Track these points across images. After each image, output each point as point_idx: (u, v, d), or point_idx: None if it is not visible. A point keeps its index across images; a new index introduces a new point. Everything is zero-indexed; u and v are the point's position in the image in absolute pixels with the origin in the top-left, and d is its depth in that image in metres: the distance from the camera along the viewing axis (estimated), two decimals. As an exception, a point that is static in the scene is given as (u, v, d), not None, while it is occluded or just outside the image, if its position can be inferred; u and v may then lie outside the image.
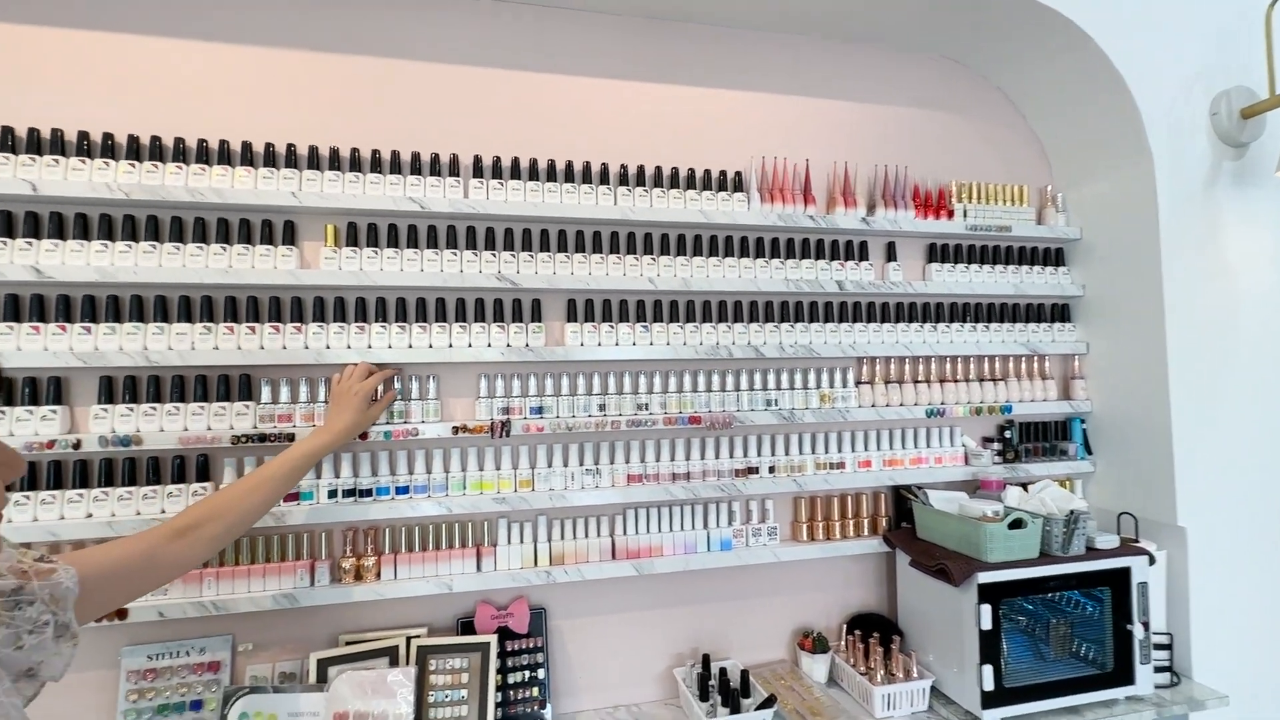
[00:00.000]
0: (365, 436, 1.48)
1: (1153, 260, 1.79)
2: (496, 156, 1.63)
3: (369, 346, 1.51)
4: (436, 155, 1.59)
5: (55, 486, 1.35)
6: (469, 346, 1.56)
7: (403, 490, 1.52)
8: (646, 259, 1.68)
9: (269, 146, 1.51)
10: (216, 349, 1.43)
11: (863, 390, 1.83)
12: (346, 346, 1.50)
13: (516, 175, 1.63)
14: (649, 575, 1.66)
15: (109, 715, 1.38)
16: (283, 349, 1.46)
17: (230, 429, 1.43)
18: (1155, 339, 1.78)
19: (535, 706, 1.53)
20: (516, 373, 1.62)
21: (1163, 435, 1.76)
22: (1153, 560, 1.62)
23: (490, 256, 1.59)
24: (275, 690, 1.33)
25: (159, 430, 1.39)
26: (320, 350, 1.48)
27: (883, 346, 1.84)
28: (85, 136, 1.41)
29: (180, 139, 1.46)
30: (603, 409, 1.64)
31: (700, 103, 1.84)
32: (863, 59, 1.97)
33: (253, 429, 1.44)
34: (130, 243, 1.40)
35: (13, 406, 1.33)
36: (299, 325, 1.49)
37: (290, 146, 1.52)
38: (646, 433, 1.70)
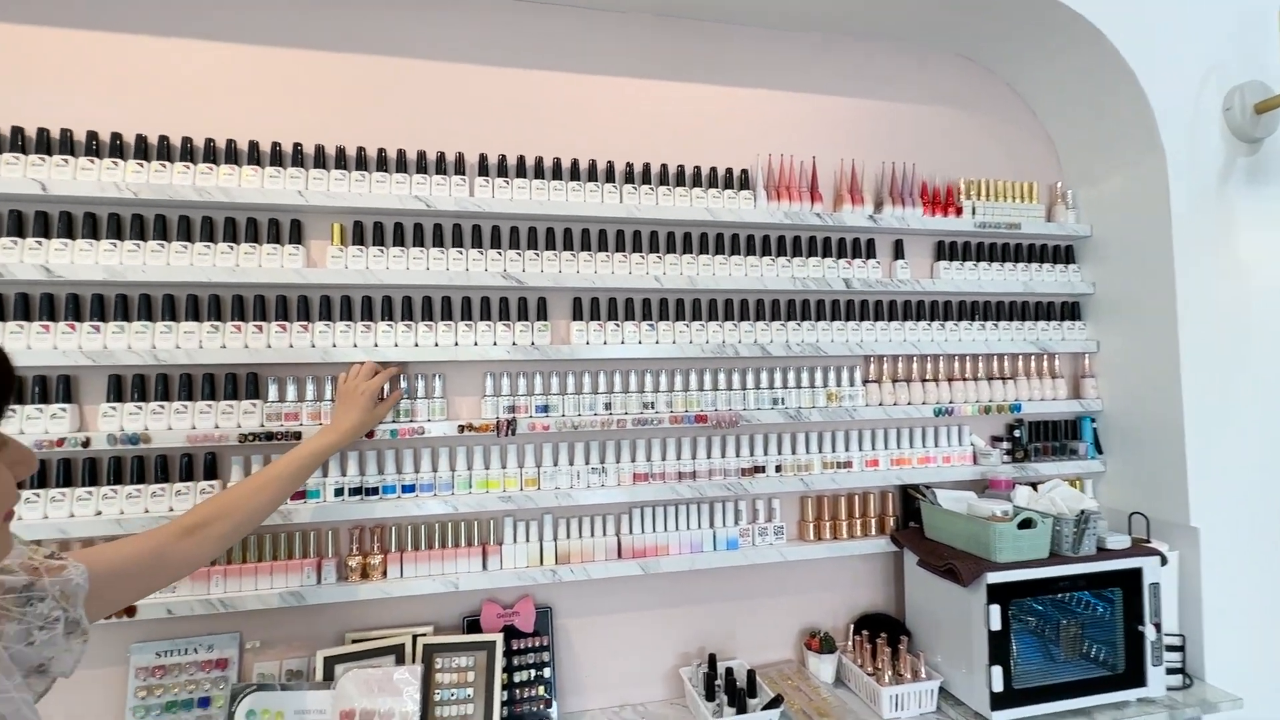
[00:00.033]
0: (372, 435, 1.48)
1: (1165, 257, 1.76)
2: (502, 155, 1.63)
3: (375, 345, 1.51)
4: (442, 154, 1.59)
5: (65, 484, 1.36)
6: (475, 345, 1.56)
7: (409, 489, 1.52)
8: (652, 257, 1.68)
9: (275, 146, 1.51)
10: (224, 347, 1.43)
11: (870, 389, 1.82)
12: (353, 345, 1.50)
13: (522, 174, 1.63)
14: (655, 574, 1.66)
15: (118, 712, 1.39)
16: (289, 348, 1.47)
17: (238, 427, 1.43)
18: (1167, 337, 1.76)
19: (541, 705, 1.53)
20: (522, 371, 1.62)
21: (1175, 434, 1.74)
22: (1165, 561, 1.60)
23: (496, 255, 1.59)
24: (283, 688, 1.33)
25: (167, 428, 1.40)
26: (327, 349, 1.48)
27: (890, 345, 1.82)
28: (94, 136, 1.42)
29: (188, 138, 1.47)
30: (608, 408, 1.63)
31: (706, 100, 1.83)
32: (870, 55, 1.96)
33: (260, 427, 1.45)
34: (138, 242, 1.41)
35: (23, 405, 1.34)
36: (305, 324, 1.49)
37: (297, 146, 1.52)
38: (652, 431, 1.70)
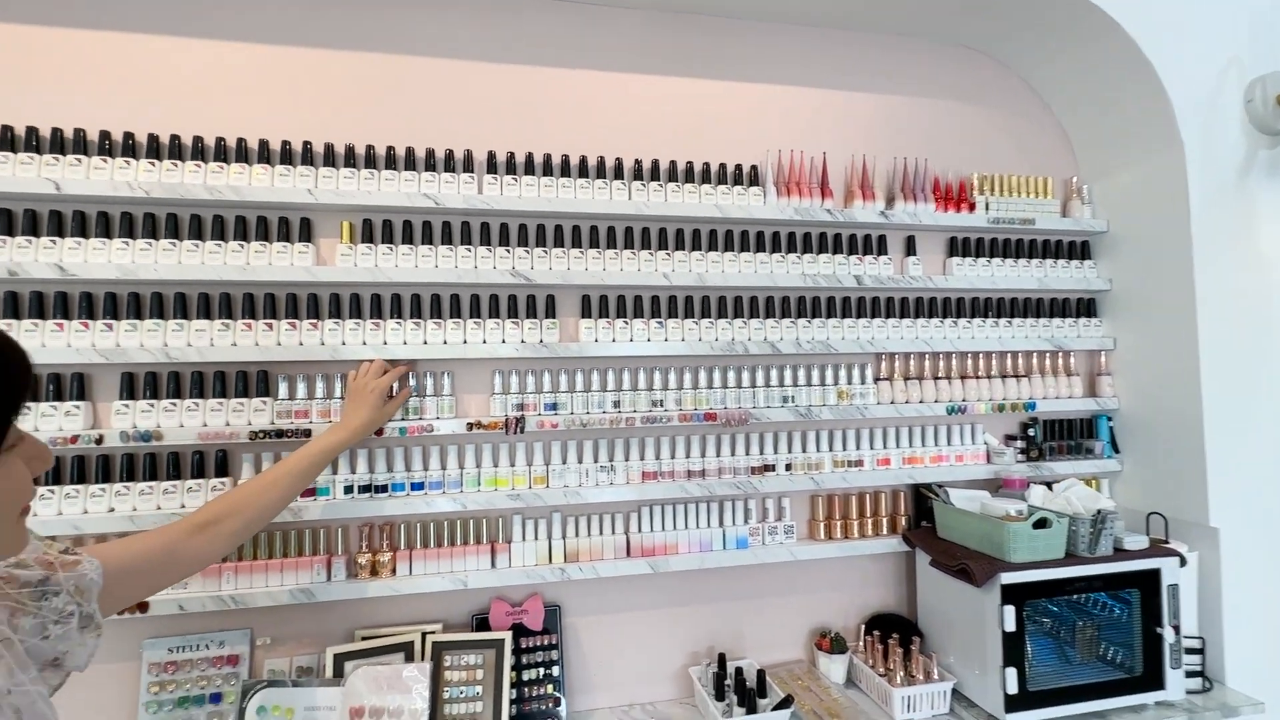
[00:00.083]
0: (381, 433, 1.49)
1: (1184, 253, 1.73)
2: (510, 152, 1.63)
3: (384, 343, 1.51)
4: (451, 151, 1.59)
5: (79, 481, 1.37)
6: (483, 343, 1.56)
7: (418, 486, 1.52)
8: (661, 254, 1.67)
9: (285, 144, 1.52)
10: (234, 345, 1.44)
11: (881, 387, 1.80)
12: (362, 343, 1.50)
13: (530, 171, 1.62)
14: (664, 573, 1.65)
15: (131, 707, 1.40)
16: (299, 345, 1.47)
17: (248, 425, 1.44)
18: (1186, 334, 1.73)
19: (550, 704, 1.52)
20: (531, 369, 1.62)
21: (1194, 433, 1.71)
22: (1184, 562, 1.57)
23: (504, 252, 1.58)
24: (294, 684, 1.34)
25: (179, 426, 1.41)
26: (336, 346, 1.48)
27: (902, 342, 1.80)
28: (106, 136, 1.43)
29: (199, 138, 1.48)
30: (617, 405, 1.63)
31: (715, 96, 1.81)
32: (881, 49, 1.93)
33: (270, 425, 1.45)
34: (150, 240, 1.42)
35: (37, 402, 1.35)
36: (315, 322, 1.49)
37: (306, 144, 1.53)
38: (661, 429, 1.69)
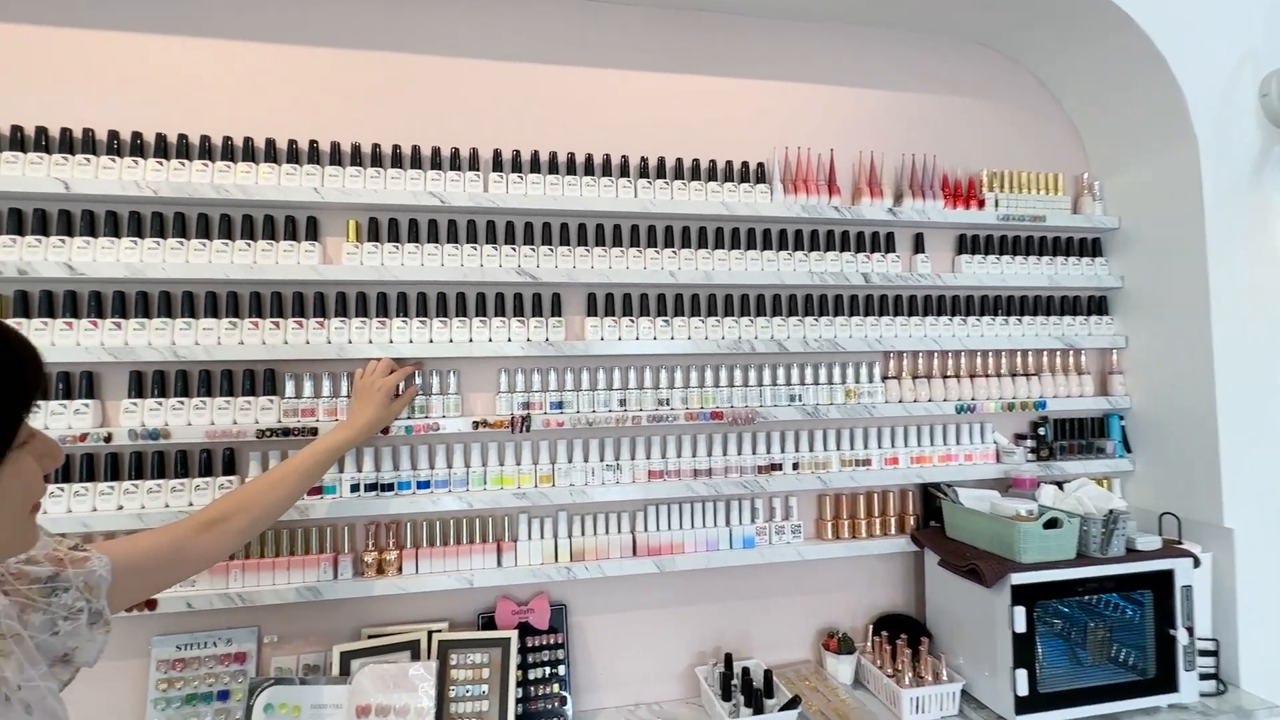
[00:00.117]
0: (387, 431, 1.48)
1: (1197, 249, 1.71)
2: (516, 150, 1.62)
3: (390, 341, 1.51)
4: (456, 149, 1.59)
5: (88, 478, 1.38)
6: (489, 341, 1.56)
7: (424, 485, 1.52)
8: (667, 252, 1.66)
9: (292, 143, 1.52)
10: (242, 344, 1.44)
11: (889, 385, 1.79)
12: (368, 341, 1.50)
13: (536, 169, 1.62)
14: (670, 572, 1.64)
15: (140, 703, 1.41)
16: (306, 344, 1.47)
17: (255, 423, 1.44)
18: (1200, 332, 1.70)
19: (556, 703, 1.52)
20: (537, 367, 1.62)
21: (1208, 432, 1.69)
22: (1197, 563, 1.55)
23: (510, 250, 1.58)
24: (301, 682, 1.34)
25: (186, 424, 1.41)
26: (343, 345, 1.49)
27: (910, 340, 1.79)
28: (115, 136, 1.44)
29: (206, 137, 1.48)
30: (623, 404, 1.62)
31: (722, 93, 1.80)
32: (889, 45, 1.92)
33: (277, 423, 1.45)
34: (158, 240, 1.42)
35: (47, 400, 1.36)
36: (321, 320, 1.49)
37: (312, 143, 1.53)
38: (668, 428, 1.68)
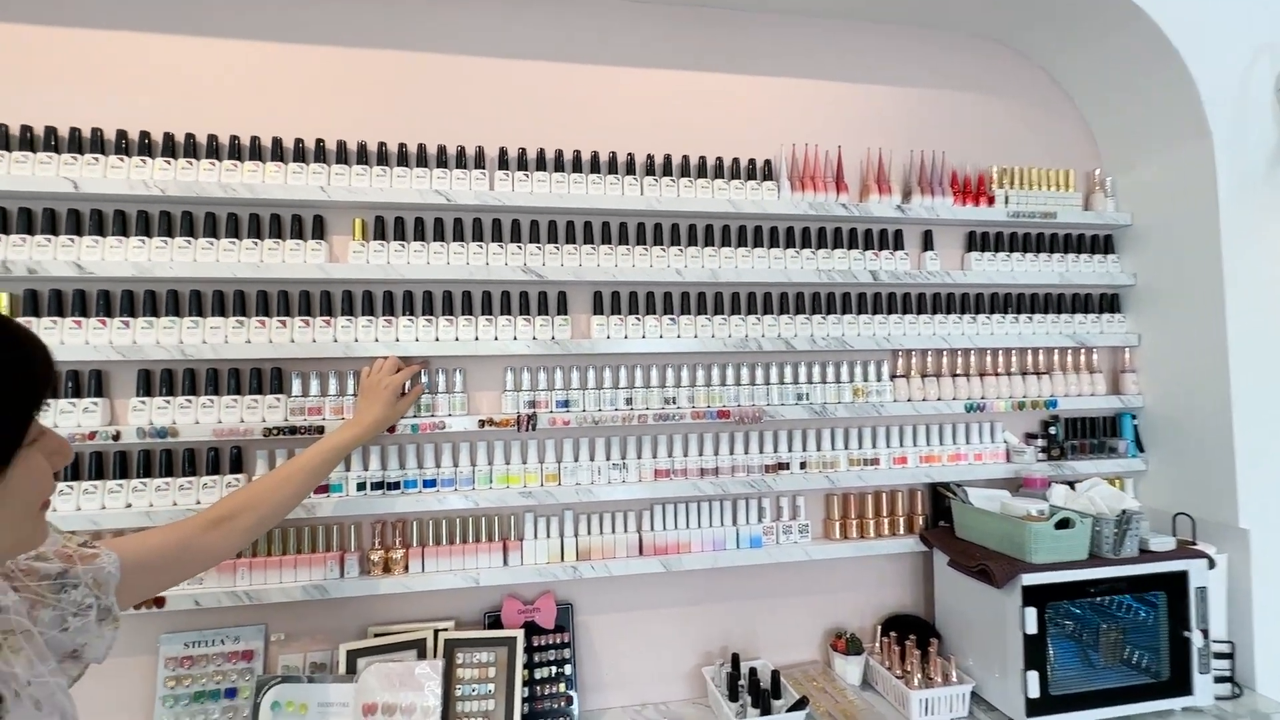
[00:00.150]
0: (393, 430, 1.48)
1: (1212, 246, 1.68)
2: (522, 148, 1.62)
3: (396, 340, 1.51)
4: (462, 148, 1.59)
5: (97, 477, 1.38)
6: (495, 339, 1.55)
7: (430, 484, 1.52)
8: (674, 250, 1.65)
9: (298, 142, 1.52)
10: (249, 343, 1.44)
11: (898, 384, 1.77)
12: (374, 340, 1.50)
13: (542, 167, 1.61)
14: (677, 572, 1.63)
15: (149, 700, 1.41)
16: (313, 342, 1.47)
17: (262, 421, 1.45)
18: (1215, 329, 1.68)
19: (562, 702, 1.51)
20: (543, 366, 1.61)
21: (1223, 431, 1.66)
22: (1212, 564, 1.53)
23: (516, 249, 1.58)
24: (309, 680, 1.34)
25: (194, 422, 1.42)
26: (349, 343, 1.49)
27: (919, 339, 1.77)
28: (123, 135, 1.45)
29: (213, 136, 1.48)
30: (629, 403, 1.61)
31: (728, 89, 1.79)
32: (898, 41, 1.90)
33: (284, 422, 1.45)
34: (166, 238, 1.43)
35: (56, 398, 1.37)
36: (328, 319, 1.49)
37: (319, 142, 1.53)
38: (674, 427, 1.67)
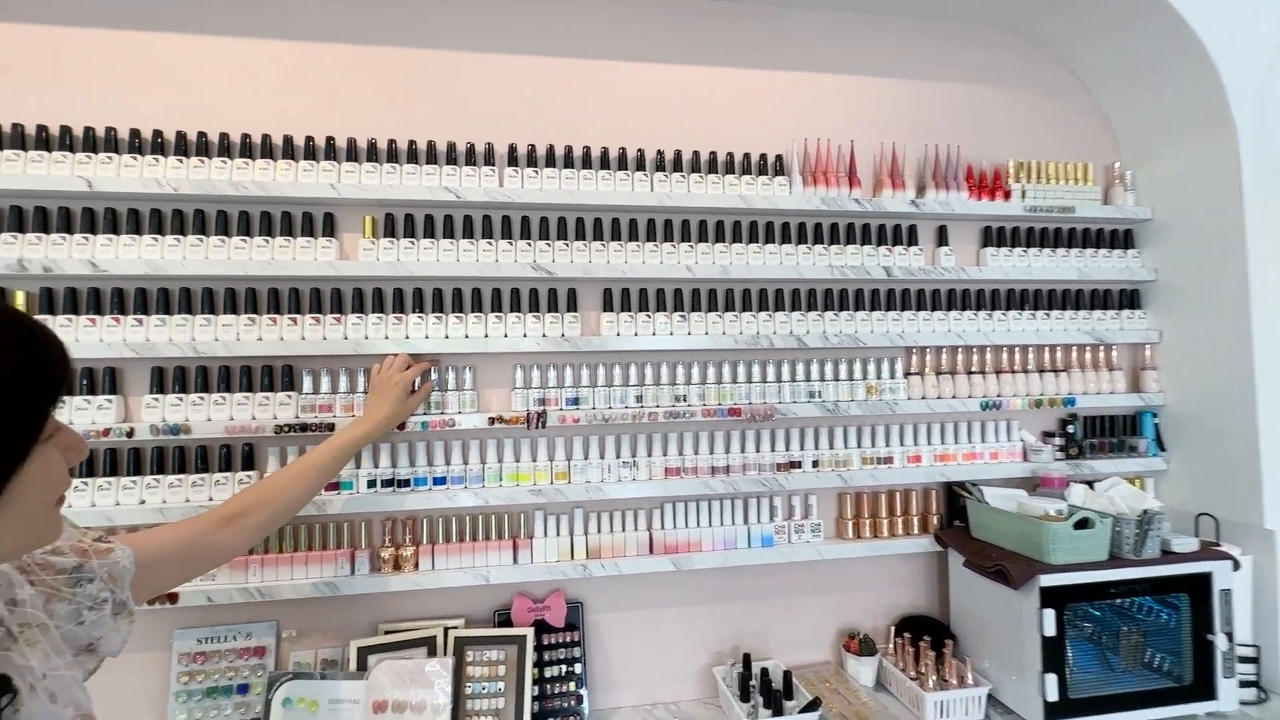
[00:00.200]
0: (403, 427, 1.48)
1: (1236, 239, 1.64)
2: (531, 145, 1.61)
3: (406, 337, 1.51)
4: (471, 145, 1.58)
5: (111, 473, 1.39)
6: (505, 337, 1.55)
7: (440, 481, 1.52)
8: (684, 246, 1.64)
9: (309, 140, 1.52)
10: (260, 340, 1.45)
11: (912, 381, 1.74)
12: (384, 337, 1.50)
13: (551, 163, 1.60)
14: (687, 571, 1.62)
15: (162, 695, 1.42)
16: (323, 340, 1.48)
17: (273, 419, 1.45)
18: (1239, 325, 1.64)
19: (572, 701, 1.51)
20: (552, 363, 1.60)
21: (1248, 430, 1.62)
22: (1237, 565, 1.49)
23: (525, 246, 1.57)
24: (320, 677, 1.34)
25: (206, 420, 1.42)
26: (359, 341, 1.49)
27: (934, 336, 1.74)
28: (136, 134, 1.46)
29: (225, 134, 1.49)
30: (640, 400, 1.60)
31: (739, 84, 1.77)
32: (910, 33, 1.87)
33: (294, 419, 1.46)
34: (179, 237, 1.44)
35: (71, 396, 1.38)
36: (338, 316, 1.50)
37: (329, 140, 1.53)
38: (685, 425, 1.66)
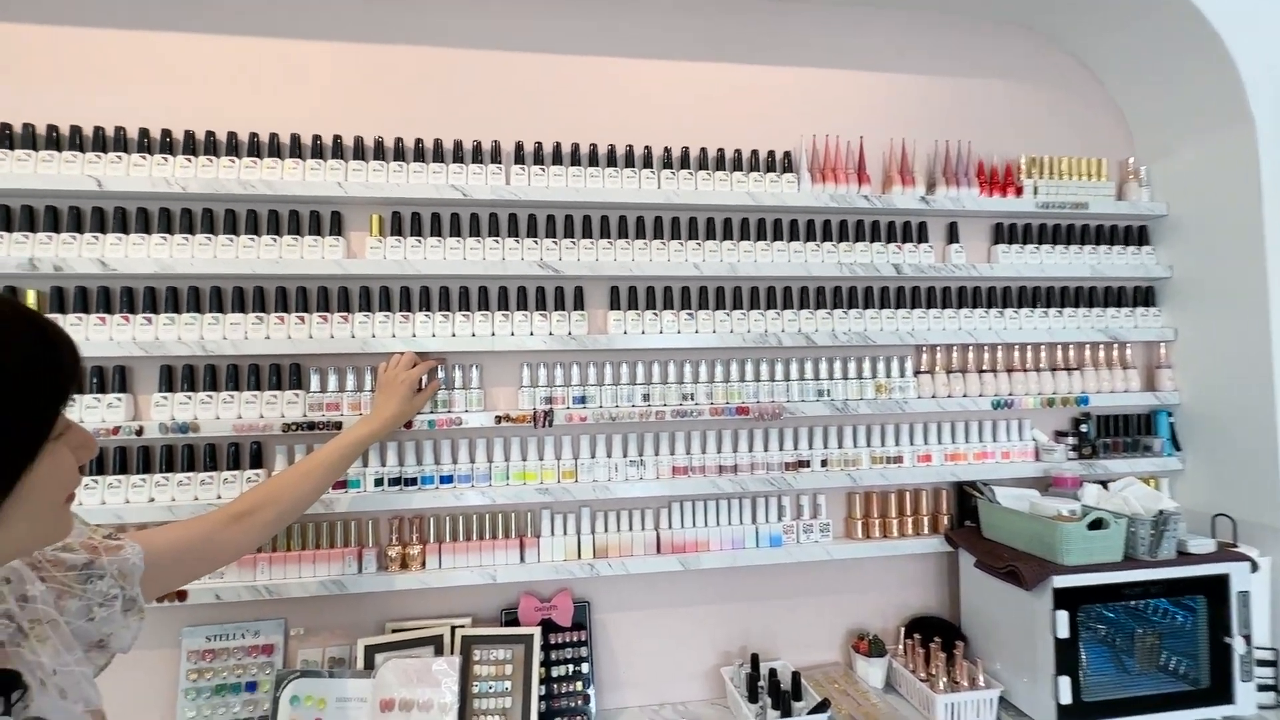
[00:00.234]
0: (410, 425, 1.48)
1: (1254, 235, 1.61)
2: (538, 142, 1.61)
3: (413, 335, 1.51)
4: (478, 143, 1.58)
5: (121, 471, 1.40)
6: (511, 335, 1.54)
7: (447, 479, 1.52)
8: (692, 244, 1.63)
9: (316, 139, 1.52)
10: (268, 339, 1.45)
11: (922, 380, 1.73)
12: (391, 335, 1.50)
13: (558, 161, 1.60)
14: (695, 570, 1.60)
15: (171, 693, 1.43)
16: (330, 338, 1.48)
17: (281, 417, 1.45)
18: (1257, 323, 1.61)
19: (579, 700, 1.50)
20: (559, 361, 1.60)
21: (1266, 429, 1.59)
22: (1255, 567, 1.47)
23: (532, 244, 1.56)
24: (328, 675, 1.35)
25: (215, 418, 1.43)
26: (366, 339, 1.49)
27: (944, 334, 1.72)
28: (145, 134, 1.46)
29: (233, 133, 1.49)
30: (647, 399, 1.59)
31: (746, 80, 1.76)
32: (920, 27, 1.85)
33: (302, 417, 1.46)
34: (187, 235, 1.44)
35: (81, 394, 1.38)
36: (346, 315, 1.50)
37: (336, 138, 1.53)
38: (692, 423, 1.65)
